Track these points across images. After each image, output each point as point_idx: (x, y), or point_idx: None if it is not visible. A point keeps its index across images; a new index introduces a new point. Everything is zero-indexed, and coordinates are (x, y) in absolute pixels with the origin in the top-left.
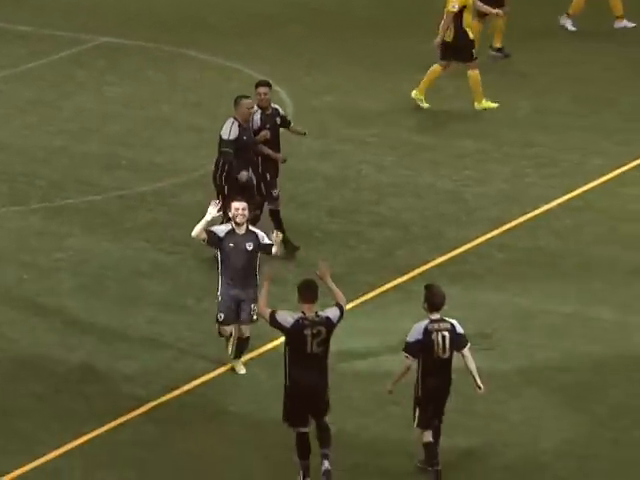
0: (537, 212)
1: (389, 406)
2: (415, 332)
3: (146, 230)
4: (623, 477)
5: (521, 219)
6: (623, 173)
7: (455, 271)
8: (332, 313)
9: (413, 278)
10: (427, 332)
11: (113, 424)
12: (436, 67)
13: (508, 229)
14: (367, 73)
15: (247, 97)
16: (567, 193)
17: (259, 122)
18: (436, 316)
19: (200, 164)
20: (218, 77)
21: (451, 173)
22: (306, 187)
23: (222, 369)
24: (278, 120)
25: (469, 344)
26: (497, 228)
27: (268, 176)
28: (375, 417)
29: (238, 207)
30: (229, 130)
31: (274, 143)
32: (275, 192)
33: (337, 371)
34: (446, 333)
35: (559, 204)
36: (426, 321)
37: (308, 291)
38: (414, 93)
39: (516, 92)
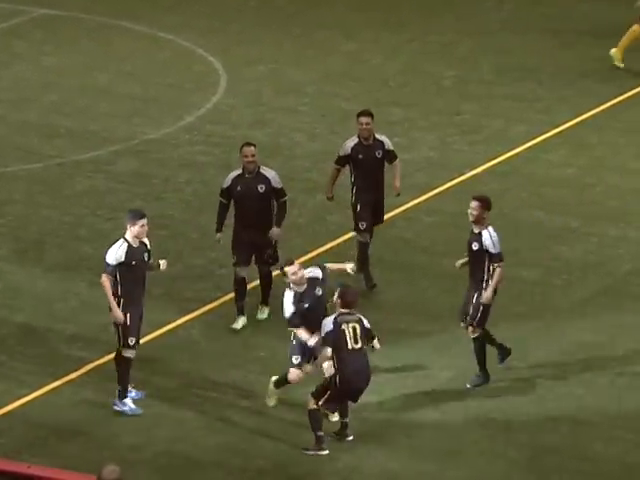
0: (463, 178)
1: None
2: (325, 325)
3: (84, 197)
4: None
5: (448, 184)
6: (545, 140)
7: (385, 235)
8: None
9: (345, 242)
10: (337, 323)
11: (53, 385)
12: (636, 27)
13: (436, 194)
14: (297, 43)
15: (247, 144)
16: (492, 159)
17: (349, 150)
18: (346, 311)
19: (135, 132)
20: (151, 47)
21: None
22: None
23: (160, 331)
24: (379, 153)
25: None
26: (425, 193)
27: (358, 207)
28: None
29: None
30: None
31: (368, 176)
32: (362, 224)
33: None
34: (356, 325)
35: (484, 170)
36: (334, 315)
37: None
38: (613, 51)
39: (441, 62)
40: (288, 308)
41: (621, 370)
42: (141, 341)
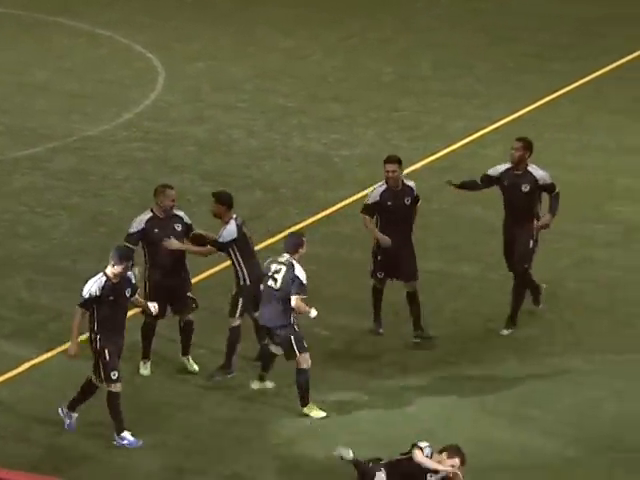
0: (403, 173)
1: None
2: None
3: (22, 194)
4: None
5: None
6: (483, 136)
7: (325, 232)
8: None
9: (284, 239)
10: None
11: None
12: None
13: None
14: (235, 39)
15: (169, 187)
16: (430, 155)
17: (377, 197)
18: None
19: (73, 129)
20: (89, 44)
21: (320, 136)
22: (178, 151)
23: None
24: (408, 200)
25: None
26: (364, 189)
27: (378, 256)
28: None
29: None
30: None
31: (399, 222)
32: (380, 274)
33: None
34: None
35: (423, 165)
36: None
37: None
38: None
39: (379, 58)
40: (304, 277)
41: (560, 364)
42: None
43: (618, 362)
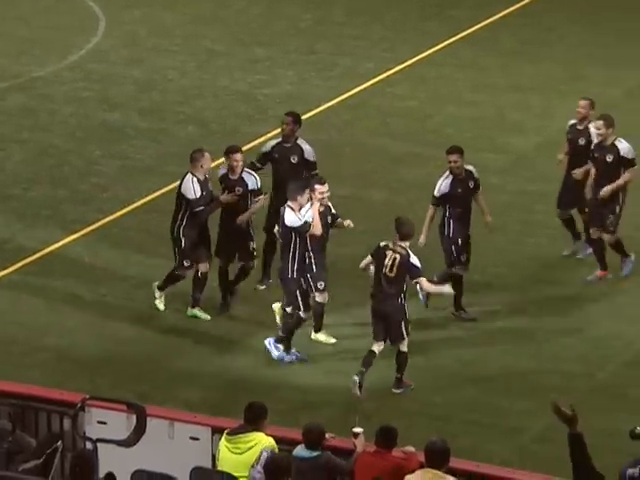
0: (319, 110)
1: None
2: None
3: None
4: None
5: (306, 116)
6: (390, 76)
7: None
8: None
9: (215, 168)
10: (379, 248)
11: None
12: None
13: None
14: None
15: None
16: (344, 93)
17: (448, 188)
18: (402, 243)
19: (23, 70)
20: None
21: (245, 77)
22: (117, 90)
23: (48, 249)
24: (471, 184)
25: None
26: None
27: (459, 241)
28: None
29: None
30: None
31: (468, 208)
32: (463, 257)
33: None
34: (398, 256)
35: (337, 103)
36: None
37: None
38: None
39: (298, 6)
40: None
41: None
42: (30, 258)
43: (509, 275)
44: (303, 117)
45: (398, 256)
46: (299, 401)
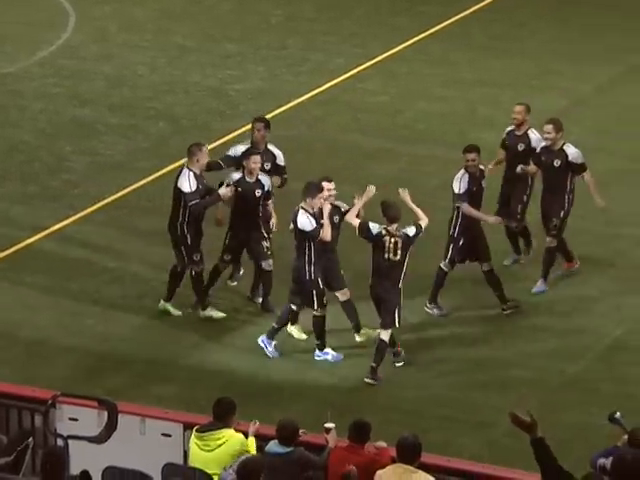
0: (290, 105)
1: None
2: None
3: None
4: None
5: (277, 111)
6: (360, 71)
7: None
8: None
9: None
10: (376, 237)
11: None
12: None
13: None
14: None
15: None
16: (314, 89)
17: (467, 185)
18: (393, 226)
19: None
20: None
21: (215, 72)
22: (88, 86)
23: (17, 246)
24: (484, 183)
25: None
26: None
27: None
28: None
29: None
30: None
31: (480, 204)
32: (458, 258)
33: None
34: (398, 240)
35: (308, 98)
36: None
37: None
38: None
39: (268, 1)
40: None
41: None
42: (1, 254)
43: (479, 270)
44: (274, 113)
45: (398, 239)
46: (271, 397)
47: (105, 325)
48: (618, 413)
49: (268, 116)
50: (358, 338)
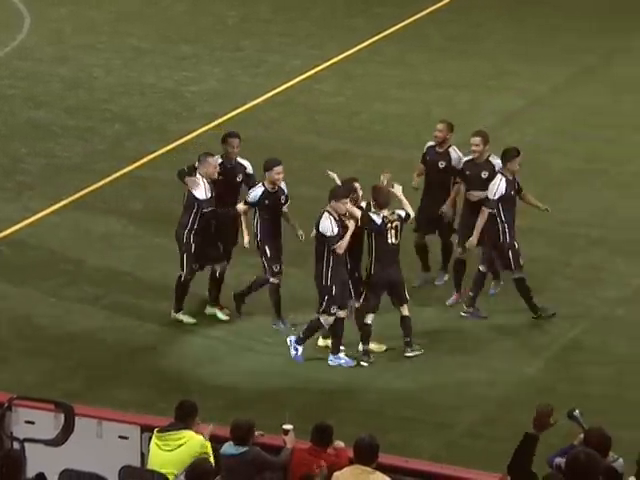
0: (246, 107)
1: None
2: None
3: None
4: None
5: (232, 113)
6: (317, 73)
7: (178, 159)
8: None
9: (142, 166)
10: (380, 225)
11: None
12: None
13: (222, 122)
14: None
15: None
16: (271, 90)
17: (504, 190)
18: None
19: None
20: None
21: (171, 74)
22: (43, 88)
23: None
24: (485, 174)
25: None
26: (213, 121)
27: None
28: None
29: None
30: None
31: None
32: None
33: None
34: (397, 223)
35: (264, 100)
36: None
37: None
38: None
39: (223, 3)
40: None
41: None
42: None
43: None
44: (230, 114)
45: (397, 223)
46: (229, 399)
47: (61, 327)
48: (577, 410)
49: (224, 118)
50: (321, 342)
